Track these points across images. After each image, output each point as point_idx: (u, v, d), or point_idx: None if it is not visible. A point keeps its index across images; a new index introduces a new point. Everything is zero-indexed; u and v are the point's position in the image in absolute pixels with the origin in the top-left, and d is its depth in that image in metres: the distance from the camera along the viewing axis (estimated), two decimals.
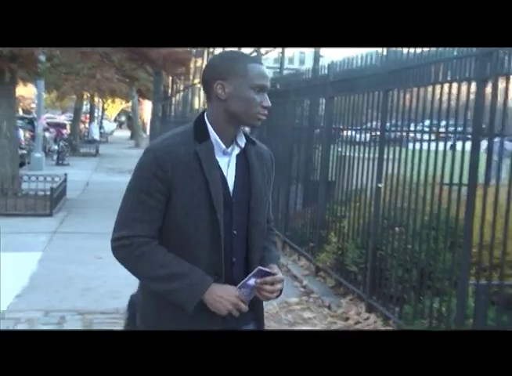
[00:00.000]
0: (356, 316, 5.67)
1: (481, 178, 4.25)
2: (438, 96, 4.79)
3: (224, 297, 2.16)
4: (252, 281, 2.18)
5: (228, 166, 2.24)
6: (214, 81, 2.20)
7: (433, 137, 4.99)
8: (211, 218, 2.18)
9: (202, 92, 25.68)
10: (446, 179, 4.60)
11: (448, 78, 4.64)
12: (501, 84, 4.03)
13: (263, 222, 2.33)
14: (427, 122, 5.12)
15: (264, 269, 2.19)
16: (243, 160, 2.27)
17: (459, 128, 4.57)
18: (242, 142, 2.27)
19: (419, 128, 5.33)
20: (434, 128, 4.94)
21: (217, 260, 2.20)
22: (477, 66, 4.23)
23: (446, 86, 4.66)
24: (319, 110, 7.83)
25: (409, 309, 4.99)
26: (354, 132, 6.66)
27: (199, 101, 27.02)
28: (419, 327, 4.72)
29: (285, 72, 12.13)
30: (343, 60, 6.84)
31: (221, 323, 2.21)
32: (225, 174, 2.23)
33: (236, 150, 2.26)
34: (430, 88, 4.92)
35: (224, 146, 2.23)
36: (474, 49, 4.23)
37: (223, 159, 2.23)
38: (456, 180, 4.44)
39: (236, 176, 2.25)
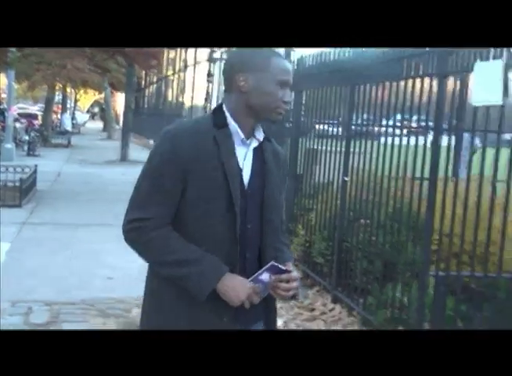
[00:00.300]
0: (322, 307, 5.77)
1: (449, 173, 4.36)
2: (402, 92, 4.88)
3: (238, 287, 2.10)
4: (265, 276, 2.12)
5: (244, 158, 2.20)
6: (237, 73, 2.17)
7: (398, 132, 5.08)
8: (228, 207, 2.13)
9: (175, 84, 25.52)
10: (414, 173, 4.70)
11: (412, 74, 4.73)
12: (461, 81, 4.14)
13: (276, 220, 2.29)
14: (396, 117, 5.23)
15: (278, 265, 2.12)
16: (259, 155, 2.23)
17: (423, 123, 4.67)
18: (260, 135, 2.24)
19: (384, 122, 5.43)
20: (399, 123, 5.04)
21: (232, 252, 2.15)
22: (438, 62, 4.33)
23: (410, 82, 4.75)
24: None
25: (372, 300, 5.10)
26: (322, 126, 6.75)
27: (172, 93, 26.99)
28: (381, 317, 4.83)
29: None
30: (313, 55, 6.91)
31: (233, 316, 2.15)
32: (240, 165, 2.19)
33: (254, 143, 2.22)
34: (394, 84, 5.02)
35: (243, 136, 2.19)
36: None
37: (241, 149, 2.19)
38: (421, 174, 4.54)
39: (252, 169, 2.21)
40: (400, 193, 4.83)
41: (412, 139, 4.82)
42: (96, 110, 64.34)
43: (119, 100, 41.73)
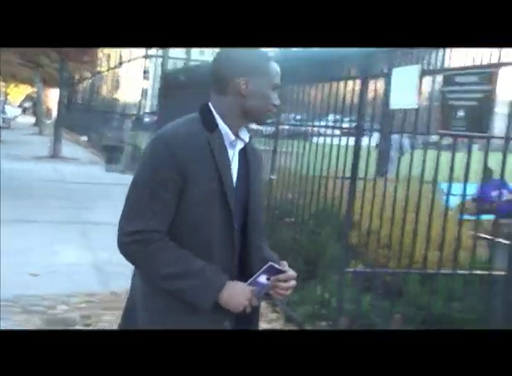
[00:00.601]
0: None
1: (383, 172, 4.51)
2: (327, 93, 5.03)
3: (239, 294, 2.09)
4: (262, 278, 2.12)
5: (232, 159, 2.19)
6: (238, 77, 2.14)
7: (336, 132, 5.22)
8: (222, 210, 2.11)
9: (110, 80, 24.98)
10: (336, 173, 4.85)
11: (338, 77, 4.88)
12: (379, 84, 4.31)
13: (260, 220, 2.28)
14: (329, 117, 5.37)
15: (275, 265, 2.12)
16: (243, 156, 2.23)
17: (346, 124, 4.83)
18: (245, 136, 2.23)
19: (311, 123, 5.56)
20: (325, 123, 5.19)
21: (228, 256, 2.15)
22: (361, 65, 4.48)
23: (336, 84, 4.91)
24: None
25: (294, 297, 5.22)
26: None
27: (106, 89, 26.66)
28: (303, 312, 4.96)
29: (193, 64, 12.20)
30: None
31: (233, 320, 2.15)
32: (231, 166, 2.19)
33: (240, 144, 2.22)
34: (320, 86, 5.16)
35: (232, 138, 2.18)
36: (358, 49, 4.47)
37: (229, 151, 2.19)
38: (346, 174, 4.69)
39: (238, 171, 2.21)
40: (324, 192, 4.97)
41: (343, 140, 4.96)
42: (28, 104, 62.79)
43: (51, 95, 40.87)
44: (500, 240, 3.66)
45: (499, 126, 3.40)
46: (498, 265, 3.59)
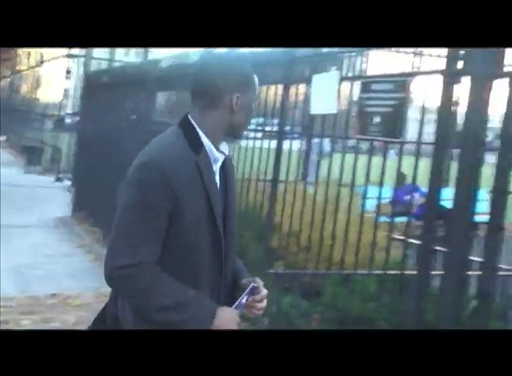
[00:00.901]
0: None
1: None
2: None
3: (229, 320, 2.08)
4: (245, 299, 2.15)
5: (216, 175, 2.17)
6: (231, 93, 2.11)
7: (259, 135, 5.30)
8: (212, 232, 2.09)
9: (31, 79, 24.33)
10: (258, 176, 4.93)
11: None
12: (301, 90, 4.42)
13: (234, 232, 2.26)
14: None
15: (257, 286, 2.17)
16: (221, 168, 2.21)
17: (269, 128, 4.92)
18: (226, 149, 2.20)
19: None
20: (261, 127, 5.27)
21: (217, 274, 2.14)
22: (282, 72, 4.59)
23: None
24: (143, 104, 7.94)
25: None
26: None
27: (26, 88, 25.99)
28: None
29: (117, 64, 12.09)
30: (168, 56, 7.01)
31: None
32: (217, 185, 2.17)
33: (221, 158, 2.19)
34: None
35: (216, 154, 2.15)
36: (280, 56, 4.58)
37: (213, 167, 2.16)
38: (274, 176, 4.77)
39: (219, 185, 2.18)
40: (246, 195, 5.05)
41: (267, 143, 5.05)
42: None
43: None
44: (412, 240, 3.84)
45: (412, 131, 3.55)
46: (410, 265, 3.76)
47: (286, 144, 4.66)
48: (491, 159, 3.28)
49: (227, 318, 2.07)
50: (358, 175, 3.90)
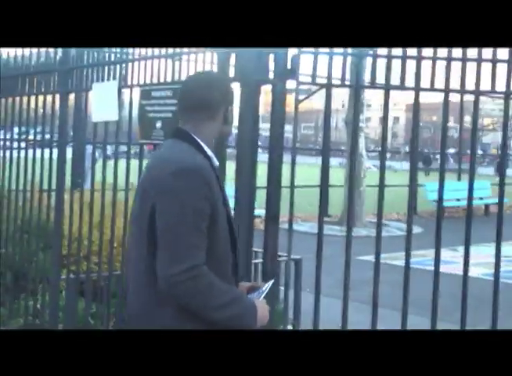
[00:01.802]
0: None
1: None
2: (26, 106, 5.05)
3: (265, 311, 2.27)
4: (263, 294, 2.37)
5: None
6: (227, 105, 2.32)
7: (23, 145, 5.24)
8: (230, 234, 2.27)
9: None
10: (43, 185, 4.90)
11: (35, 91, 4.94)
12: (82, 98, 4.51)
13: None
14: (17, 130, 5.36)
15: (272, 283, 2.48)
16: None
17: (48, 136, 4.92)
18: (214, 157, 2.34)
19: (8, 136, 5.52)
20: (24, 136, 5.20)
21: (236, 275, 2.32)
22: (60, 80, 4.62)
23: (34, 97, 4.96)
24: None
25: (4, 311, 5.16)
26: None
27: None
28: (15, 325, 4.94)
29: None
30: None
31: None
32: None
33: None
34: (19, 99, 5.16)
35: (217, 162, 2.31)
36: (57, 65, 4.61)
37: None
38: (48, 185, 4.77)
39: None
40: (29, 205, 4.99)
41: (39, 152, 5.02)
42: None
43: None
44: None
45: None
46: None
47: (68, 152, 4.71)
48: (264, 157, 3.66)
49: (264, 310, 2.27)
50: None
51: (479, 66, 3.30)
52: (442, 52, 3.29)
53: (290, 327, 5.34)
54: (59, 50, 4.51)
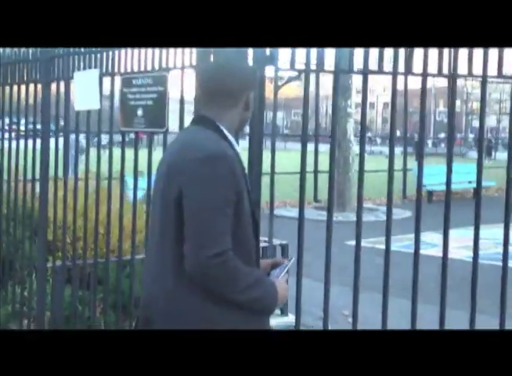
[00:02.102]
0: None
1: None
2: (8, 96, 5.06)
3: (284, 289, 2.31)
4: (284, 272, 2.41)
5: None
6: (248, 91, 2.33)
7: (6, 135, 5.25)
8: (253, 220, 2.30)
9: None
10: (26, 174, 4.93)
11: (17, 80, 4.95)
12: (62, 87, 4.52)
13: None
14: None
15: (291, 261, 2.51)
16: None
17: (31, 126, 4.93)
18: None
19: None
20: (7, 127, 5.22)
21: (254, 261, 2.31)
22: (42, 70, 4.63)
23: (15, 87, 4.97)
24: None
25: None
26: None
27: None
28: (3, 313, 4.98)
29: None
30: None
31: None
32: None
33: None
34: (1, 88, 5.16)
35: (238, 150, 2.34)
36: (39, 54, 4.62)
37: None
38: (32, 174, 4.79)
39: None
40: (14, 194, 5.02)
41: (23, 142, 5.05)
42: None
43: None
44: None
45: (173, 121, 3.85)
46: None
47: (52, 142, 4.73)
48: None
49: (283, 288, 2.32)
50: (127, 167, 4.11)
51: (456, 51, 3.34)
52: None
53: (278, 312, 5.41)
54: None
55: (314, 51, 3.39)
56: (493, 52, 3.31)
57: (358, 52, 3.38)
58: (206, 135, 2.26)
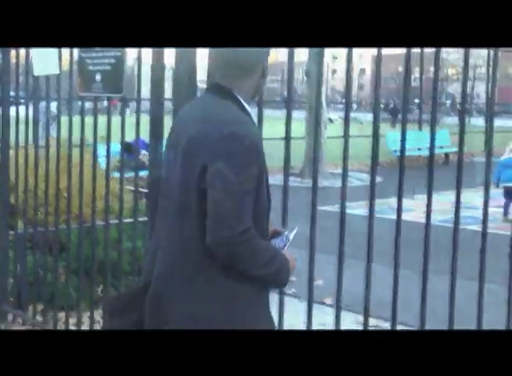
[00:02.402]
0: None
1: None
2: None
3: (293, 260, 2.33)
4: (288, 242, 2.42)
5: None
6: (263, 59, 2.32)
7: None
8: (267, 197, 2.28)
9: None
10: None
11: None
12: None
13: None
14: None
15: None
16: None
17: None
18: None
19: None
20: None
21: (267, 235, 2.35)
22: None
23: None
24: None
25: None
26: None
27: None
28: None
29: None
30: None
31: None
32: None
33: None
34: None
35: (255, 119, 2.34)
36: None
37: None
38: None
39: None
40: None
41: None
42: None
43: None
44: (142, 190, 4.27)
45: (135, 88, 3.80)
46: (141, 212, 4.16)
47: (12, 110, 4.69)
48: None
49: (292, 260, 2.33)
50: (88, 134, 4.10)
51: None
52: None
53: None
54: None
55: None
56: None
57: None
58: (226, 107, 2.24)
